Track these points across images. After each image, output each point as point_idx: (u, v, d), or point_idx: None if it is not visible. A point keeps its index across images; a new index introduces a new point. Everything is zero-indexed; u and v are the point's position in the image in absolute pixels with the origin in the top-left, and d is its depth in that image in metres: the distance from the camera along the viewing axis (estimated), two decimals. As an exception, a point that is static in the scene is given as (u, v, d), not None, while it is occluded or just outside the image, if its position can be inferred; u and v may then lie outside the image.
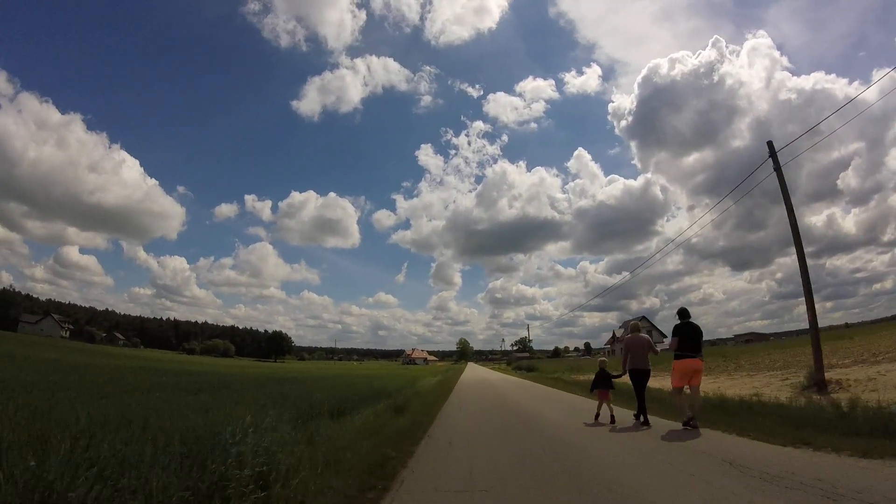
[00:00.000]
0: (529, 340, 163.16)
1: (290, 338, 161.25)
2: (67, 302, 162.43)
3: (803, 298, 13.84)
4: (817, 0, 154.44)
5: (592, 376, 10.72)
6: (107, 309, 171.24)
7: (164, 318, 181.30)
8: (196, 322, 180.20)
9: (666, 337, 73.09)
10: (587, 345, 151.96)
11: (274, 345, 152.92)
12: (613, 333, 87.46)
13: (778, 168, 14.83)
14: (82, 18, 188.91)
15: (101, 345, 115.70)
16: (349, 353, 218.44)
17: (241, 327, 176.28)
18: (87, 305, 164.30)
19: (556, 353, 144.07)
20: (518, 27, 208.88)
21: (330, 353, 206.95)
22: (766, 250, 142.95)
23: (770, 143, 15.13)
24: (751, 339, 74.89)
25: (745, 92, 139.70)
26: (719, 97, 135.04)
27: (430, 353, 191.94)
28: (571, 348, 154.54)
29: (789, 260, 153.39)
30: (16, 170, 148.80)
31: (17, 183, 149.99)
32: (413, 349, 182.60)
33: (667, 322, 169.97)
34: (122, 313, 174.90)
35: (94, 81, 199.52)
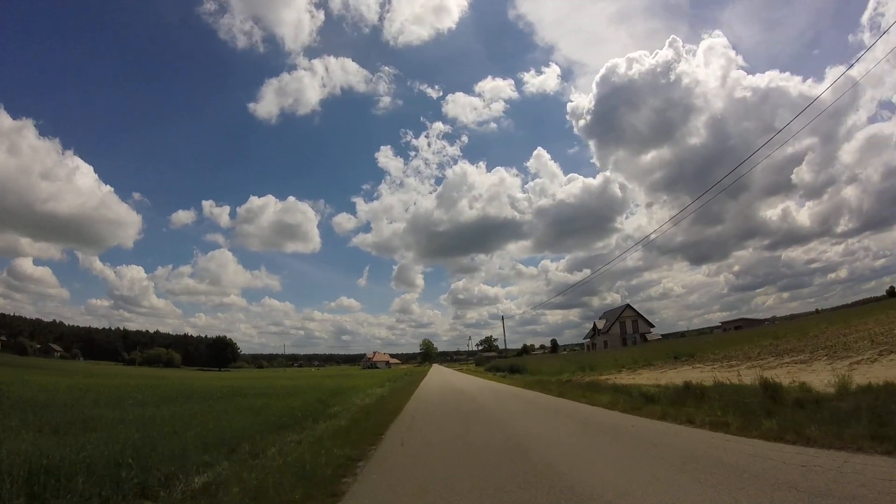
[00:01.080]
0: (495, 340, 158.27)
1: (235, 344, 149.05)
2: (13, 314, 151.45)
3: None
4: (772, 0, 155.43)
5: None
6: (53, 320, 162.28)
7: (112, 329, 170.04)
8: (147, 332, 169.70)
9: (654, 326, 68.71)
10: (554, 342, 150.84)
11: (217, 351, 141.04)
12: (594, 326, 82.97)
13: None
14: (33, 22, 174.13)
15: (33, 357, 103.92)
16: (310, 359, 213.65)
17: (194, 335, 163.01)
18: (37, 318, 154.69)
19: (525, 350, 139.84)
20: (477, 28, 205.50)
21: (291, 360, 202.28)
22: (724, 244, 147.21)
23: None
24: (741, 326, 70.70)
25: (702, 90, 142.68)
26: (676, 96, 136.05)
27: (393, 355, 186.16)
28: (537, 346, 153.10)
29: (746, 253, 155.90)
30: None
31: None
32: (374, 352, 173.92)
33: (626, 319, 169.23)
34: (71, 325, 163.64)
35: (46, 85, 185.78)
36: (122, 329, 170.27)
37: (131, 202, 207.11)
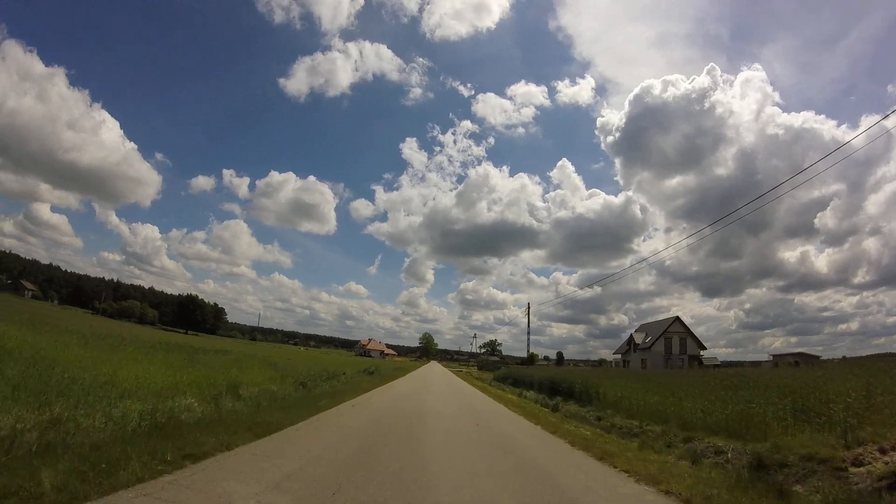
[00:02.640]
0: (499, 345, 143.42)
1: (208, 304, 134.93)
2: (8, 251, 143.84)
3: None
4: (811, 43, 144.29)
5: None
6: (50, 263, 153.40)
7: (104, 279, 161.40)
8: (139, 286, 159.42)
9: (705, 348, 51.30)
10: (560, 354, 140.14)
11: (185, 312, 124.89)
12: (631, 338, 66.89)
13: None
14: None
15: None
16: (307, 339, 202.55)
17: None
18: (34, 259, 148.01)
19: (531, 359, 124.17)
20: (516, 32, 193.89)
21: (289, 337, 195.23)
22: (739, 279, 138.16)
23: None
24: (798, 361, 55.33)
25: (734, 122, 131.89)
26: (708, 124, 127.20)
27: (391, 346, 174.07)
28: (541, 356, 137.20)
29: (759, 291, 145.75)
30: None
31: None
32: (369, 339, 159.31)
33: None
34: (69, 270, 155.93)
35: (81, 37, 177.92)
36: (114, 280, 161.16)
37: (153, 162, 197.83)
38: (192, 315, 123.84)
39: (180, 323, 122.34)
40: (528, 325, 46.67)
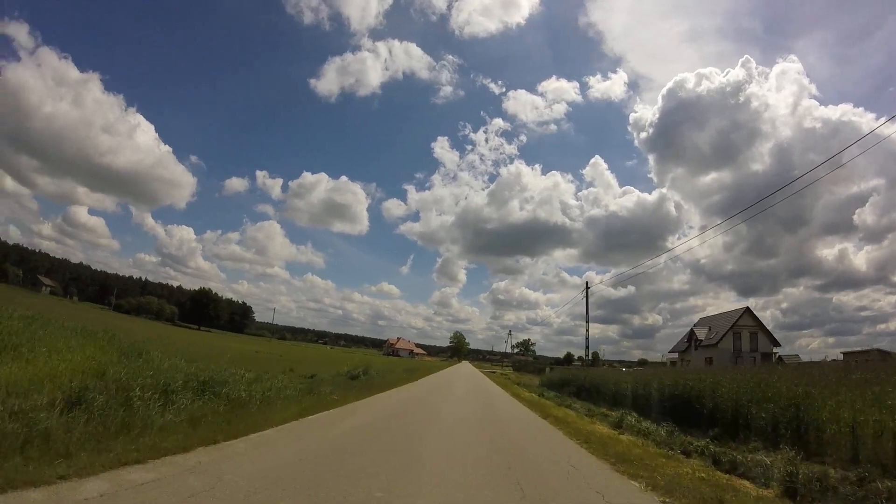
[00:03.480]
0: (533, 344, 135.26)
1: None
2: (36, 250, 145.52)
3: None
4: (845, 36, 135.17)
5: None
6: (81, 263, 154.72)
7: (133, 278, 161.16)
8: (167, 285, 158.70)
9: (779, 345, 39.68)
10: (595, 354, 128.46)
11: (197, 307, 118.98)
12: (691, 334, 57.14)
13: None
14: None
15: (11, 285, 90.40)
16: (336, 339, 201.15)
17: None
18: (65, 258, 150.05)
19: (569, 359, 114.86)
20: (546, 27, 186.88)
21: (319, 337, 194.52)
22: (775, 278, 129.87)
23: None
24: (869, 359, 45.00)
25: (770, 116, 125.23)
26: (743, 118, 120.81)
27: (421, 346, 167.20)
28: (575, 357, 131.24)
29: (796, 290, 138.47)
30: (30, 123, 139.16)
31: (31, 137, 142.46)
32: (398, 338, 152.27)
33: (665, 341, 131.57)
34: (98, 269, 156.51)
35: (115, 42, 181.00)
36: (142, 279, 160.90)
37: (188, 164, 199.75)
38: (205, 310, 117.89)
39: (193, 318, 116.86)
40: (587, 307, 36.14)
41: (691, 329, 57.32)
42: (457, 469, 6.75)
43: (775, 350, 51.97)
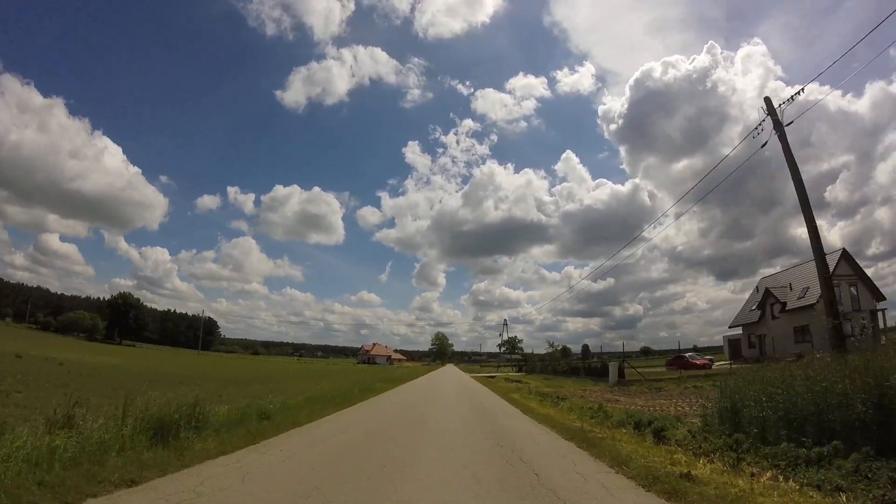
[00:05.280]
0: (519, 342, 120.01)
1: (145, 305, 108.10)
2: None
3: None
4: (807, 16, 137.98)
5: None
6: (38, 286, 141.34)
7: (82, 297, 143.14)
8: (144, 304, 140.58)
9: (884, 299, 26.52)
10: (585, 347, 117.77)
11: (117, 316, 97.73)
12: (766, 296, 39.51)
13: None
14: (66, 2, 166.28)
15: None
16: (314, 350, 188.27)
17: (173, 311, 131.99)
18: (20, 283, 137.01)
19: (566, 353, 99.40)
20: (511, 26, 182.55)
21: (296, 349, 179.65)
22: (752, 260, 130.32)
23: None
24: None
25: (738, 99, 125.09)
26: (711, 103, 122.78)
27: (403, 351, 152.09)
28: (557, 353, 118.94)
29: (774, 270, 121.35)
30: None
31: None
32: (374, 344, 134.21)
33: (646, 330, 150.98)
34: (57, 292, 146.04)
35: (77, 66, 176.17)
36: (101, 298, 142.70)
37: (158, 184, 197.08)
38: (123, 319, 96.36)
39: (111, 332, 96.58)
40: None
41: (765, 291, 40.89)
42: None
43: (880, 306, 36.17)
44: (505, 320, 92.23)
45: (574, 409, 13.56)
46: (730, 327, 47.32)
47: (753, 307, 43.28)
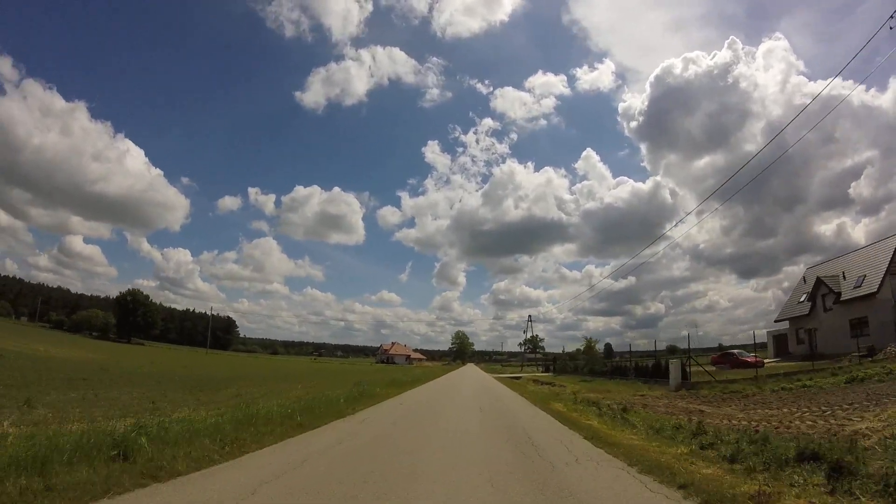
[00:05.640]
0: (541, 340, 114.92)
1: (154, 304, 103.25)
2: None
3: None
4: (828, 12, 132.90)
5: None
6: (42, 283, 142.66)
7: (101, 297, 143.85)
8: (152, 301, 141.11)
9: None
10: (608, 346, 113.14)
11: (126, 314, 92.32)
12: (817, 285, 32.05)
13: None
14: (87, 5, 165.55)
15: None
16: (333, 350, 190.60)
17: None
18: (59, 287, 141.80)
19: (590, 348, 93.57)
20: (530, 25, 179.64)
21: (316, 349, 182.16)
22: (774, 258, 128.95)
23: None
24: None
25: (760, 95, 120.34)
26: (733, 100, 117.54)
27: (424, 351, 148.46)
28: (583, 350, 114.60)
29: (797, 269, 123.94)
30: (20, 156, 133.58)
31: (21, 169, 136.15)
32: (392, 343, 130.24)
33: (668, 329, 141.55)
34: (76, 292, 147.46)
35: (99, 70, 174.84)
36: (111, 297, 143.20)
37: (180, 186, 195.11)
38: (131, 317, 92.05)
39: (122, 331, 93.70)
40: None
41: (816, 281, 35.23)
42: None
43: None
44: (529, 317, 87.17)
45: (663, 432, 8.74)
46: (776, 321, 41.47)
47: (802, 299, 37.51)
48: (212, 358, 59.52)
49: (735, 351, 34.11)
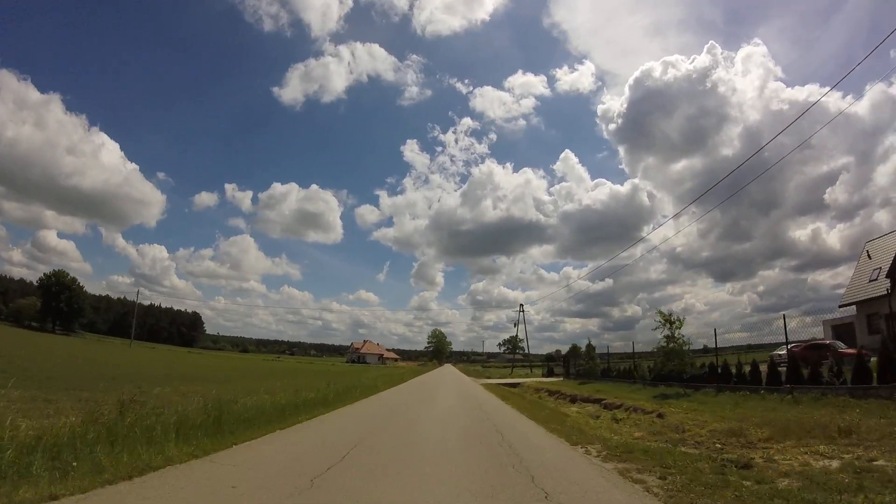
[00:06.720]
0: (520, 341, 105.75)
1: (84, 291, 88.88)
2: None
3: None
4: (805, 19, 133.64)
5: None
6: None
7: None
8: (104, 296, 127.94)
9: None
10: (590, 345, 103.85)
11: (49, 300, 79.41)
12: None
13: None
14: None
15: None
16: (307, 349, 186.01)
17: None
18: None
19: (575, 352, 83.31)
20: (511, 24, 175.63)
21: (286, 347, 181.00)
22: (750, 262, 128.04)
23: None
24: None
25: (738, 100, 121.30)
26: (711, 104, 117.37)
27: (400, 351, 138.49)
28: (563, 352, 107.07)
29: (772, 273, 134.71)
30: None
31: None
32: (364, 341, 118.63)
33: (645, 332, 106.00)
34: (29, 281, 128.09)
35: (74, 61, 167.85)
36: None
37: (155, 181, 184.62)
38: (54, 302, 78.76)
39: (45, 318, 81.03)
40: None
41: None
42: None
43: None
44: (521, 306, 76.09)
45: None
46: (840, 306, 32.00)
47: (874, 277, 28.42)
48: (142, 354, 47.74)
49: (827, 342, 24.31)
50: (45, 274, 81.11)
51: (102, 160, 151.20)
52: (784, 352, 17.52)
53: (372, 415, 11.83)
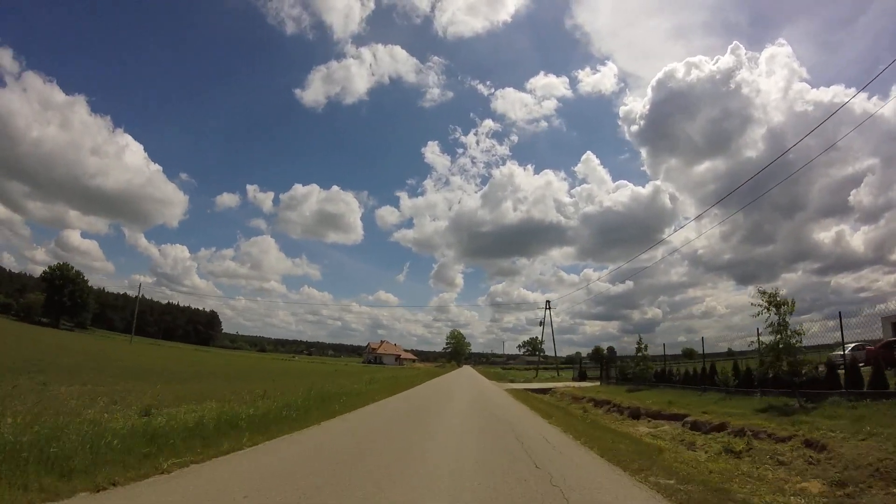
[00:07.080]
0: (541, 343, 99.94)
1: (89, 285, 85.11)
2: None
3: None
4: (830, 23, 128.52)
5: None
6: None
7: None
8: (122, 294, 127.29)
9: None
10: (611, 349, 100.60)
11: (52, 297, 76.85)
12: None
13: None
14: (91, 2, 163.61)
15: None
16: (324, 349, 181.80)
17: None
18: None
19: (605, 357, 76.76)
20: (533, 25, 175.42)
21: (305, 347, 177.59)
22: (773, 265, 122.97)
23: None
24: None
25: (762, 101, 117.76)
26: (734, 105, 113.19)
27: (418, 352, 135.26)
28: (584, 355, 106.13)
29: (795, 276, 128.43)
30: (18, 149, 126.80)
31: (20, 162, 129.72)
32: (382, 342, 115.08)
33: (665, 335, 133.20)
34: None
35: (100, 64, 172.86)
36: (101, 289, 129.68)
37: (178, 182, 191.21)
38: (57, 296, 76.05)
39: (49, 312, 78.49)
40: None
41: None
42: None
43: None
44: (547, 302, 70.52)
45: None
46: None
47: None
48: (127, 348, 44.28)
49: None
50: (49, 267, 78.90)
51: (126, 161, 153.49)
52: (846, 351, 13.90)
53: (292, 472, 6.94)
